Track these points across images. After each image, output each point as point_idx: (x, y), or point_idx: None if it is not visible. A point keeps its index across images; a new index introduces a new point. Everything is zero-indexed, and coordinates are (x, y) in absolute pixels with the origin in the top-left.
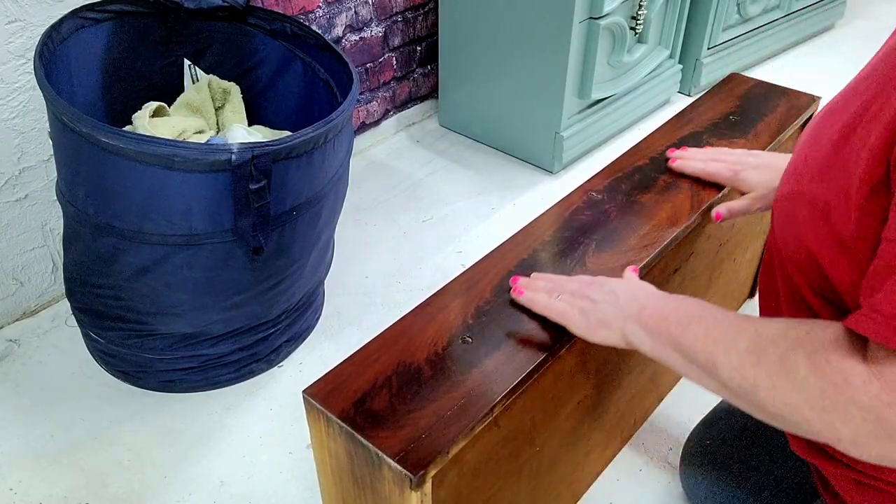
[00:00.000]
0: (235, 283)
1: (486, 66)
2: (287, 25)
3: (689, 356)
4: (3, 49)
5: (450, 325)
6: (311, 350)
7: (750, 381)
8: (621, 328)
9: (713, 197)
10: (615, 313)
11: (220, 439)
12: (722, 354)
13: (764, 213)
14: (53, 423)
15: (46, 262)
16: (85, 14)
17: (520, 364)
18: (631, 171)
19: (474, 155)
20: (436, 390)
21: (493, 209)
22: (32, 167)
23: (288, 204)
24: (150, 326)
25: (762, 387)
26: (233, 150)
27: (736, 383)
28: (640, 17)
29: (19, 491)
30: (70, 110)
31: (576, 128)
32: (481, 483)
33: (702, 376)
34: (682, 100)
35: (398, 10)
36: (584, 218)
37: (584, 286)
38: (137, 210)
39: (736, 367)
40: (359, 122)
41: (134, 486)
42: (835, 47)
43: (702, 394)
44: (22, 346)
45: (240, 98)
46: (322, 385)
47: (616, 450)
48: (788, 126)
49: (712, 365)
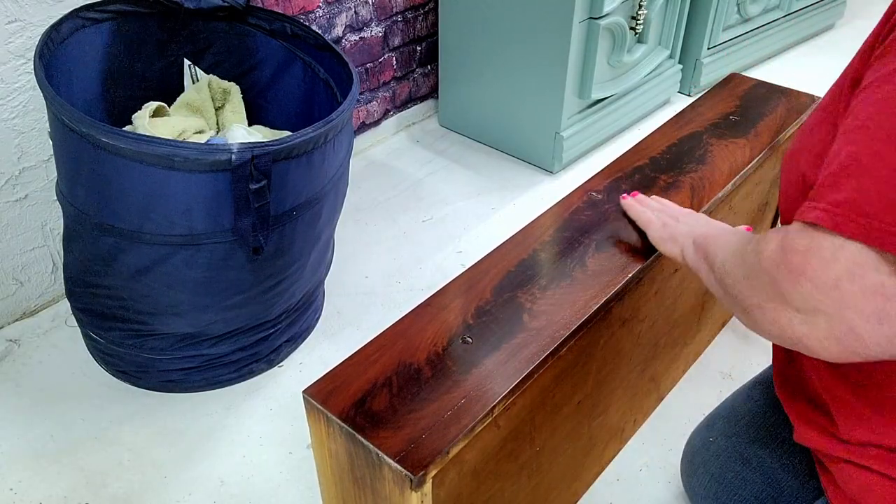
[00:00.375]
0: (235, 283)
1: (486, 66)
2: (287, 25)
3: (708, 259)
4: (3, 49)
5: (450, 325)
6: (311, 350)
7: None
8: (682, 244)
9: (713, 197)
10: (683, 233)
11: (220, 439)
12: (721, 250)
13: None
14: (53, 423)
15: (46, 262)
16: (85, 14)
17: (520, 364)
18: (631, 171)
19: (474, 155)
20: (436, 390)
21: (493, 209)
22: (32, 167)
23: (288, 204)
24: (150, 326)
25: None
26: (233, 150)
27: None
28: (640, 17)
29: (19, 491)
30: (70, 110)
31: (576, 128)
32: (481, 483)
33: (710, 278)
34: (682, 100)
35: (398, 10)
36: (584, 218)
37: (677, 212)
38: (137, 210)
39: (724, 260)
40: (359, 122)
41: (134, 486)
42: (835, 47)
43: (702, 394)
44: (22, 346)
45: (240, 98)
46: (322, 385)
47: (616, 450)
48: (788, 126)
49: (712, 260)
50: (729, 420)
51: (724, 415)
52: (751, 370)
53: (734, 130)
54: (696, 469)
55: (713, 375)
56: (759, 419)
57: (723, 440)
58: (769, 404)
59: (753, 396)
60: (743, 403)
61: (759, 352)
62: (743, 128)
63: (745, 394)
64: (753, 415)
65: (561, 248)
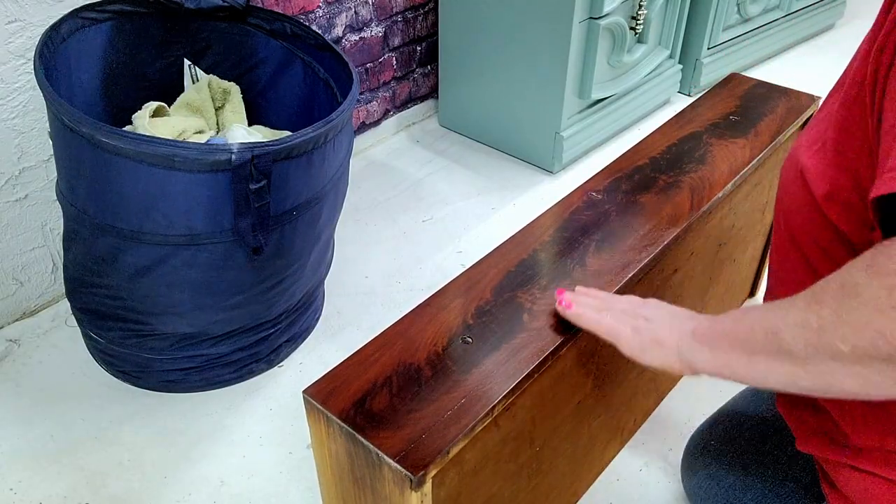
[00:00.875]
0: (235, 283)
1: (486, 66)
2: (287, 25)
3: (749, 345)
4: (3, 49)
5: (450, 325)
6: (311, 350)
7: (814, 329)
8: (677, 346)
9: (713, 197)
10: (670, 332)
11: (220, 439)
12: (781, 319)
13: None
14: (53, 423)
15: (46, 262)
16: (85, 14)
17: (520, 364)
18: (631, 171)
19: (474, 155)
20: (436, 390)
21: (493, 209)
22: (32, 167)
23: (288, 204)
24: (150, 326)
25: (828, 326)
26: (233, 150)
27: (801, 341)
28: (640, 17)
29: (19, 491)
30: (70, 110)
31: (576, 128)
32: (481, 483)
33: (769, 363)
34: (682, 100)
35: (398, 10)
36: (584, 218)
37: (635, 305)
38: (137, 210)
39: (797, 323)
40: (359, 122)
41: (134, 486)
42: (835, 47)
43: (702, 394)
44: (22, 346)
45: (240, 98)
46: (322, 385)
47: (616, 450)
48: (788, 126)
49: (774, 336)
50: (730, 424)
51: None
52: None
53: (734, 130)
54: (696, 472)
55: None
56: (759, 423)
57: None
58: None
59: (756, 401)
60: (745, 406)
61: None
62: (743, 128)
63: (747, 397)
64: (754, 418)
65: (561, 248)
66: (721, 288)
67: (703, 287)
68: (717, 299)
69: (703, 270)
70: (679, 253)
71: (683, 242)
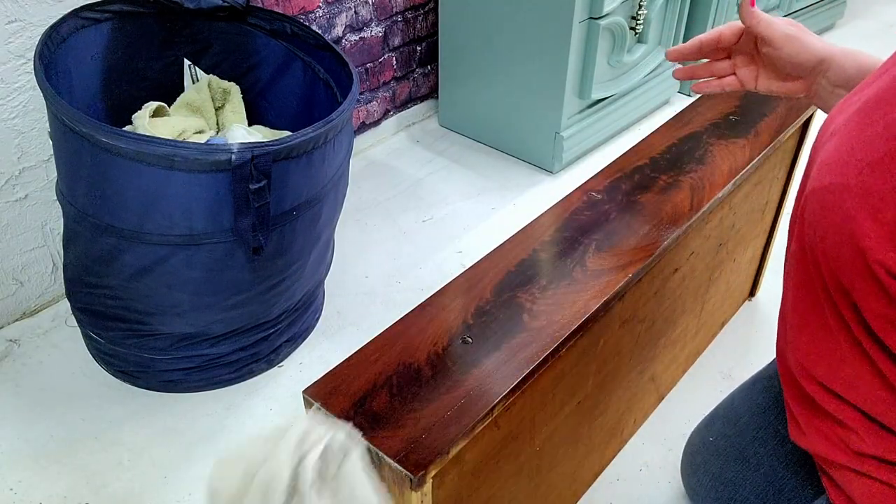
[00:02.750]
0: (235, 283)
1: (486, 66)
2: (287, 25)
3: None
4: (3, 49)
5: (450, 325)
6: (311, 350)
7: None
8: None
9: (713, 197)
10: None
11: (220, 439)
12: None
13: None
14: (53, 423)
15: (46, 262)
16: (85, 14)
17: (520, 364)
18: (631, 171)
19: (474, 155)
20: (436, 390)
21: (493, 209)
22: (32, 167)
23: (288, 204)
24: (150, 326)
25: None
26: (233, 150)
27: None
28: (640, 17)
29: (19, 491)
30: (70, 110)
31: (576, 128)
32: (481, 483)
33: None
34: (682, 100)
35: (398, 10)
36: (584, 218)
37: None
38: (137, 210)
39: None
40: (359, 122)
41: (134, 486)
42: None
43: (702, 394)
44: (22, 346)
45: (240, 98)
46: (322, 385)
47: (616, 450)
48: (788, 126)
49: None
50: (728, 419)
51: (723, 414)
52: (750, 370)
53: (734, 130)
54: (696, 468)
55: (713, 375)
56: (758, 417)
57: (722, 439)
58: (769, 402)
59: (753, 395)
60: (742, 402)
61: (759, 352)
62: (743, 128)
63: (745, 392)
64: (753, 413)
65: (561, 248)
66: (721, 288)
67: (703, 287)
68: (717, 299)
69: (703, 270)
70: (679, 253)
71: (683, 242)
